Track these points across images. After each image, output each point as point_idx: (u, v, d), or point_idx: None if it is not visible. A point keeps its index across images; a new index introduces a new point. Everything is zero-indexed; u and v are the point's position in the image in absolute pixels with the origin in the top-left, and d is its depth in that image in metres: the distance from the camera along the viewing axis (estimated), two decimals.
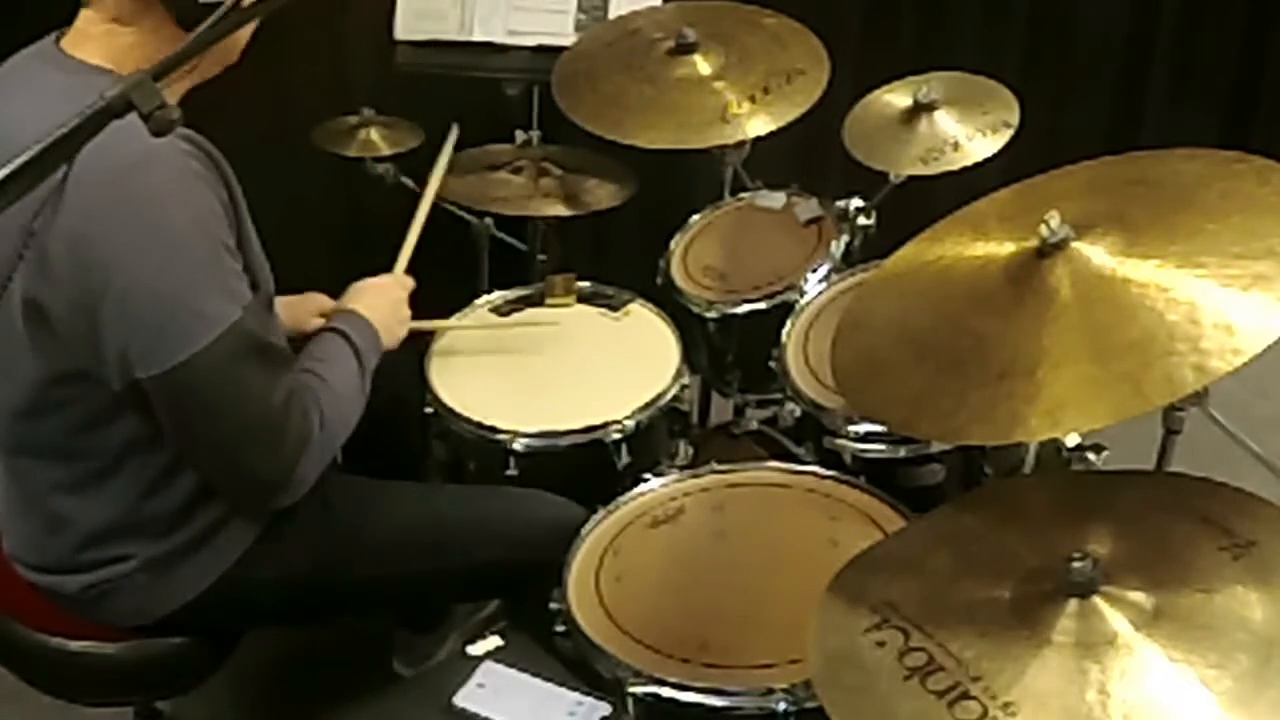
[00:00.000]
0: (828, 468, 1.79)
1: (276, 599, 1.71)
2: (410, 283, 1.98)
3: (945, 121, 2.18)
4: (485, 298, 2.23)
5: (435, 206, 2.24)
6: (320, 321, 1.86)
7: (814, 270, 2.11)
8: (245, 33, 1.54)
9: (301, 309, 1.90)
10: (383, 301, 1.86)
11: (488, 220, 2.57)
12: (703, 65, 2.24)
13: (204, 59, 1.43)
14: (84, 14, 1.53)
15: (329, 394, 1.62)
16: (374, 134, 2.55)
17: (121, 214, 1.43)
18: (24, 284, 1.46)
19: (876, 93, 2.27)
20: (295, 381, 1.58)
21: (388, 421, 1.73)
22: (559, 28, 2.53)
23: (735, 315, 2.14)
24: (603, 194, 2.48)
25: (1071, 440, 1.56)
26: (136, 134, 1.03)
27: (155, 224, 1.44)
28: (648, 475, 1.83)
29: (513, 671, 1.52)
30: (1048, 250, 1.38)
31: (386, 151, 2.54)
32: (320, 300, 1.94)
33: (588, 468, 1.91)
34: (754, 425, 2.33)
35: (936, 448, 1.77)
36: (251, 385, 1.51)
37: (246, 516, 1.66)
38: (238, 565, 1.66)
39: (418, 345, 2.07)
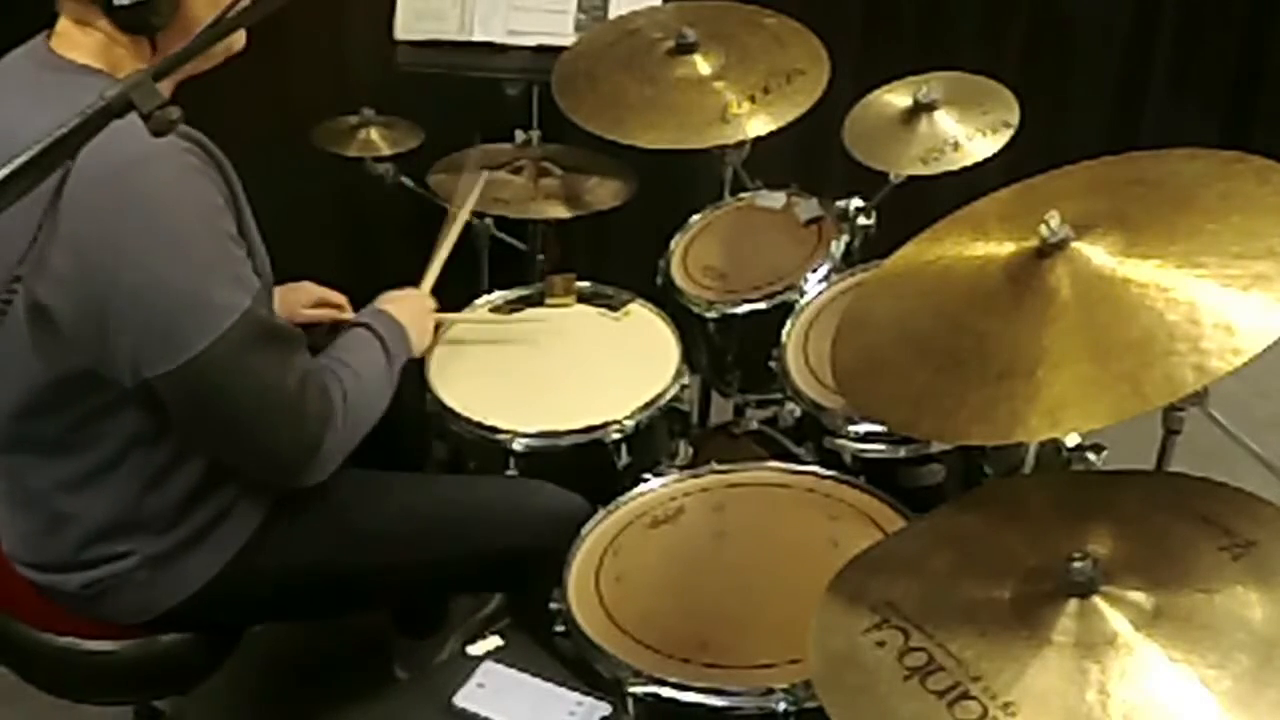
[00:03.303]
0: (828, 468, 1.79)
1: (276, 592, 1.72)
2: (433, 303, 2.01)
3: (945, 121, 2.17)
4: (485, 298, 2.23)
5: (444, 213, 2.23)
6: (312, 312, 1.93)
7: (814, 270, 2.11)
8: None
9: (292, 297, 1.93)
10: (411, 307, 1.89)
11: (488, 220, 2.57)
12: (703, 65, 2.23)
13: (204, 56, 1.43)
14: (62, 16, 1.53)
15: (351, 374, 1.65)
16: (374, 134, 2.55)
17: (123, 214, 1.43)
18: (27, 288, 1.46)
19: (876, 93, 2.27)
20: (312, 363, 1.60)
21: (388, 421, 1.73)
22: (559, 28, 2.53)
23: (735, 315, 2.14)
24: (603, 194, 2.47)
25: (1071, 440, 1.56)
26: (132, 135, 1.03)
27: (159, 221, 1.45)
28: (648, 475, 1.83)
29: (513, 671, 1.52)
30: (1048, 250, 1.38)
31: (386, 151, 2.54)
32: (311, 289, 1.96)
33: (588, 468, 1.91)
34: (754, 425, 2.32)
35: (936, 448, 1.77)
36: (267, 370, 1.52)
37: (246, 510, 1.67)
38: (238, 558, 1.66)
39: None
